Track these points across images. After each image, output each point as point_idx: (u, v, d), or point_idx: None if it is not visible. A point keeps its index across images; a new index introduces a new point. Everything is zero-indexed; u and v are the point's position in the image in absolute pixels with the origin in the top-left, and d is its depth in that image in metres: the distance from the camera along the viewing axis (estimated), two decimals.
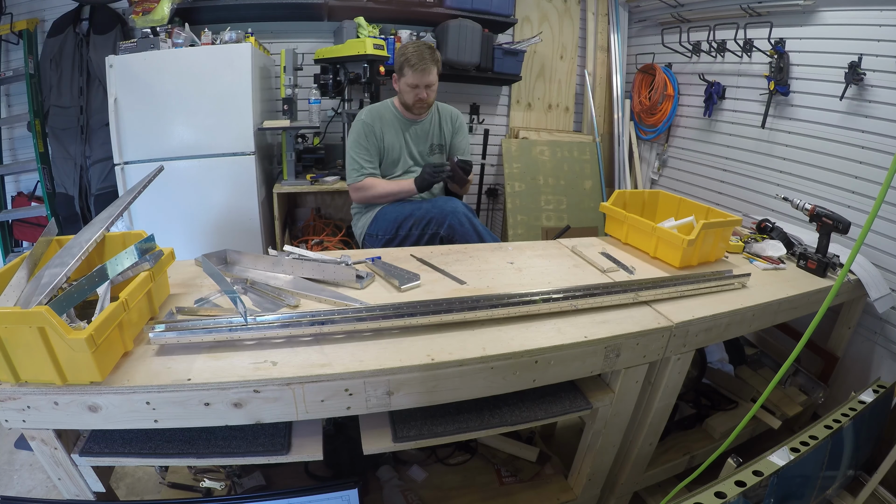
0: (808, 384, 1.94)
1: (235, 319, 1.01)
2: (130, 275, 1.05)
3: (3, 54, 2.89)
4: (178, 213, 2.55)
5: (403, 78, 2.00)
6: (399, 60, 2.00)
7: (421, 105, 2.04)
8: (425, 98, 2.02)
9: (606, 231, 1.85)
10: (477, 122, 3.48)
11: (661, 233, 1.58)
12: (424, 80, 1.97)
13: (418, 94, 2.00)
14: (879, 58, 1.93)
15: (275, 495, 1.02)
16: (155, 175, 1.22)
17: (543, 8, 3.47)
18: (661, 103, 3.17)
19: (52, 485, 1.08)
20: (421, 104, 2.04)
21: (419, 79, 1.96)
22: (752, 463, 1.10)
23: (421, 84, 1.97)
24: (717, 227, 1.57)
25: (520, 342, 1.08)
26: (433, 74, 1.99)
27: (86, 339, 0.80)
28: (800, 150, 2.31)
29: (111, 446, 1.02)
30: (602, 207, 1.81)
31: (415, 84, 1.98)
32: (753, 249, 1.77)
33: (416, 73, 1.95)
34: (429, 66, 1.96)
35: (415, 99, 2.01)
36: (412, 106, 2.04)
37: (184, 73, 2.41)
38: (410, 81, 1.98)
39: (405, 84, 2.00)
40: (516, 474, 1.54)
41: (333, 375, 0.95)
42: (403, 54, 1.98)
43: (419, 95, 2.00)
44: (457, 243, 1.82)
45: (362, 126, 2.04)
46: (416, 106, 2.04)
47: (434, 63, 1.98)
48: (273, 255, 1.41)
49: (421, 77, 1.96)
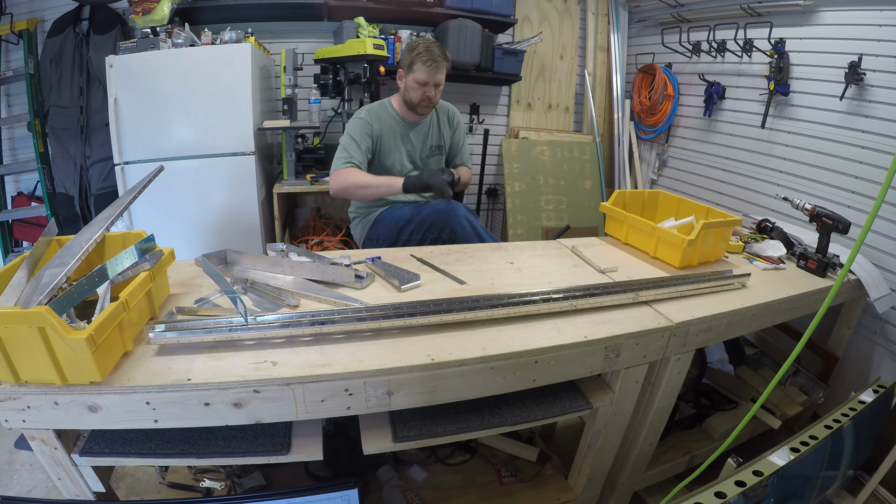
0: (808, 384, 1.94)
1: (235, 319, 1.01)
2: (130, 275, 1.04)
3: (3, 54, 2.89)
4: (178, 213, 2.55)
5: (412, 74, 1.92)
6: (409, 56, 1.93)
7: (427, 104, 1.98)
8: (432, 97, 1.95)
9: (606, 231, 1.85)
10: (477, 122, 3.48)
11: (661, 233, 1.57)
12: (434, 78, 1.91)
13: (426, 93, 1.93)
14: (879, 58, 1.93)
15: (275, 495, 1.02)
16: (155, 175, 1.22)
17: (543, 8, 3.47)
18: (661, 103, 3.17)
19: (52, 485, 1.09)
20: (427, 103, 1.97)
21: (429, 76, 1.89)
22: (752, 463, 1.10)
23: (430, 82, 1.91)
24: (717, 227, 1.57)
25: (520, 342, 1.08)
26: (443, 73, 1.94)
27: (86, 339, 0.80)
28: (800, 150, 2.31)
29: (111, 446, 1.02)
30: (602, 207, 1.81)
31: (424, 81, 1.91)
32: (753, 249, 1.77)
33: (427, 70, 1.88)
34: (440, 64, 1.90)
35: (421, 97, 1.94)
36: (417, 104, 1.97)
37: (184, 73, 2.41)
38: (420, 78, 1.90)
39: (413, 80, 1.93)
40: (516, 474, 1.53)
41: (333, 375, 0.95)
42: (414, 50, 1.91)
43: (427, 94, 1.93)
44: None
45: (360, 123, 1.98)
46: (422, 105, 1.97)
47: (445, 61, 1.93)
48: (273, 255, 1.41)
49: (431, 74, 1.89)
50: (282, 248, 1.47)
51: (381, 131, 2.01)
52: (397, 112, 2.06)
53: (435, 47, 1.92)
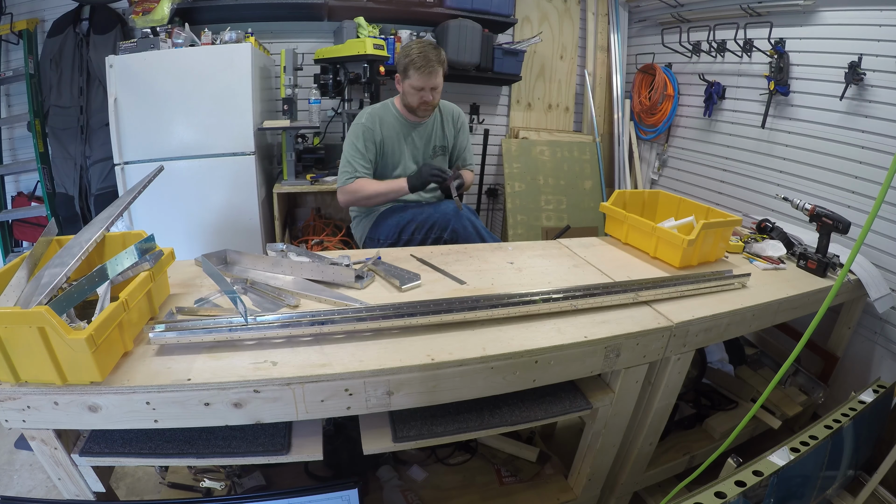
0: (808, 384, 1.94)
1: (235, 319, 1.01)
2: (130, 275, 1.04)
3: (3, 54, 2.89)
4: (178, 213, 2.55)
5: (408, 80, 1.91)
6: (403, 62, 1.92)
7: (426, 108, 1.97)
8: (430, 100, 1.94)
9: (606, 231, 1.85)
10: (477, 122, 3.48)
11: (661, 233, 1.57)
12: (430, 83, 1.90)
13: (423, 97, 1.92)
14: (879, 58, 1.93)
15: (275, 495, 1.02)
16: (155, 175, 1.22)
17: (543, 8, 3.47)
18: (661, 103, 3.17)
19: (52, 485, 1.09)
20: (426, 107, 1.96)
21: (424, 81, 1.89)
22: (752, 463, 1.10)
23: (426, 86, 1.90)
24: (718, 227, 1.57)
25: (520, 342, 1.08)
26: (439, 76, 1.92)
27: (86, 339, 0.80)
28: (800, 150, 2.31)
29: (111, 446, 1.02)
30: (602, 207, 1.81)
31: (420, 87, 1.90)
32: (753, 249, 1.77)
33: (421, 76, 1.87)
34: (435, 68, 1.89)
35: (419, 102, 1.94)
36: (416, 109, 1.97)
37: (184, 73, 2.41)
38: (415, 84, 1.90)
39: (409, 86, 1.92)
40: (516, 474, 1.53)
41: (333, 375, 0.95)
42: (407, 55, 1.90)
43: (424, 98, 1.92)
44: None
45: (361, 129, 1.95)
46: (421, 109, 1.97)
47: (440, 64, 1.91)
48: (273, 255, 1.41)
49: (426, 79, 1.88)
50: (281, 248, 1.47)
51: (384, 134, 1.99)
52: (400, 113, 2.04)
53: (430, 50, 1.89)
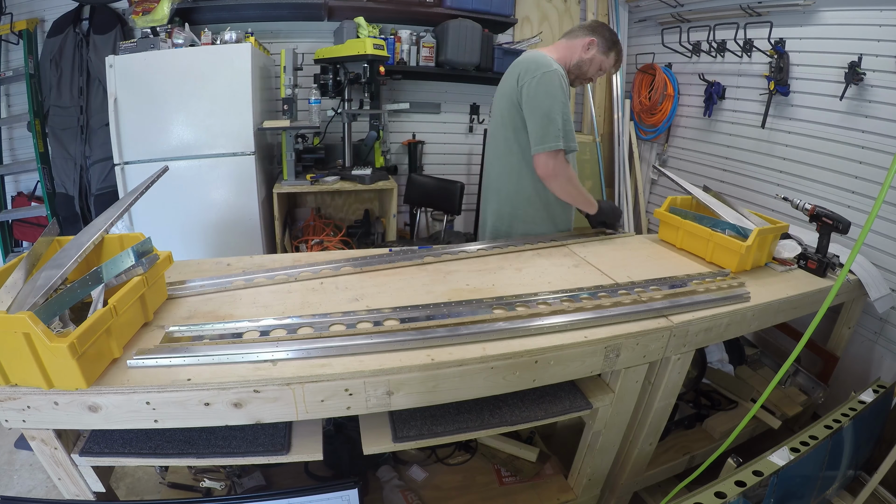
0: (808, 384, 1.94)
1: (236, 321, 1.01)
2: (125, 279, 1.02)
3: (3, 54, 2.89)
4: (178, 213, 2.54)
5: (607, 59, 1.86)
6: (612, 39, 1.86)
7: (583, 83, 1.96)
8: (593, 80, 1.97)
9: (660, 237, 1.84)
10: (477, 122, 3.48)
11: (719, 238, 1.58)
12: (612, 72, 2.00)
13: (598, 76, 1.93)
14: (879, 58, 1.93)
15: (275, 495, 1.02)
16: (159, 175, 1.20)
17: (543, 8, 3.47)
18: (661, 103, 3.17)
19: (52, 485, 1.08)
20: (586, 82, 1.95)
21: (613, 69, 1.93)
22: (752, 463, 1.10)
23: (609, 73, 1.96)
24: (769, 233, 1.58)
25: (520, 342, 1.08)
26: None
27: (68, 347, 0.78)
28: (800, 150, 2.31)
29: (111, 446, 1.02)
30: (657, 214, 1.82)
31: (607, 70, 1.91)
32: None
33: (616, 64, 1.91)
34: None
35: (594, 77, 1.91)
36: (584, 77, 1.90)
37: (184, 73, 2.41)
38: (607, 65, 1.87)
39: (605, 63, 1.86)
40: (516, 474, 1.53)
41: (333, 375, 0.95)
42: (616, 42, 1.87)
43: (597, 77, 1.94)
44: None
45: (561, 79, 1.67)
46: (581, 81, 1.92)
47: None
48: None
49: (614, 69, 1.94)
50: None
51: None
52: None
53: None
